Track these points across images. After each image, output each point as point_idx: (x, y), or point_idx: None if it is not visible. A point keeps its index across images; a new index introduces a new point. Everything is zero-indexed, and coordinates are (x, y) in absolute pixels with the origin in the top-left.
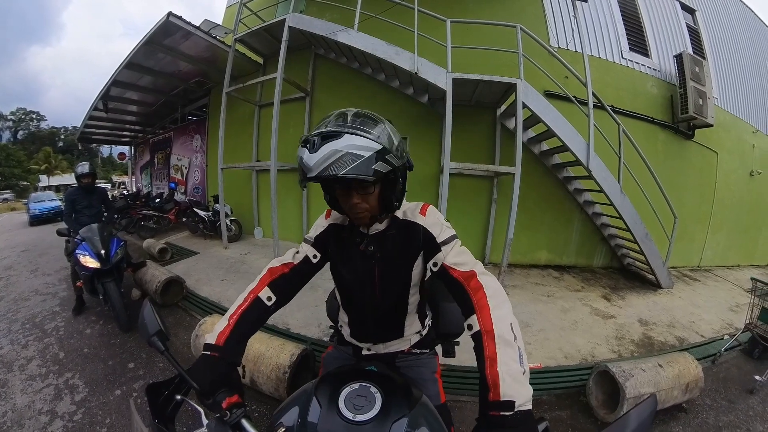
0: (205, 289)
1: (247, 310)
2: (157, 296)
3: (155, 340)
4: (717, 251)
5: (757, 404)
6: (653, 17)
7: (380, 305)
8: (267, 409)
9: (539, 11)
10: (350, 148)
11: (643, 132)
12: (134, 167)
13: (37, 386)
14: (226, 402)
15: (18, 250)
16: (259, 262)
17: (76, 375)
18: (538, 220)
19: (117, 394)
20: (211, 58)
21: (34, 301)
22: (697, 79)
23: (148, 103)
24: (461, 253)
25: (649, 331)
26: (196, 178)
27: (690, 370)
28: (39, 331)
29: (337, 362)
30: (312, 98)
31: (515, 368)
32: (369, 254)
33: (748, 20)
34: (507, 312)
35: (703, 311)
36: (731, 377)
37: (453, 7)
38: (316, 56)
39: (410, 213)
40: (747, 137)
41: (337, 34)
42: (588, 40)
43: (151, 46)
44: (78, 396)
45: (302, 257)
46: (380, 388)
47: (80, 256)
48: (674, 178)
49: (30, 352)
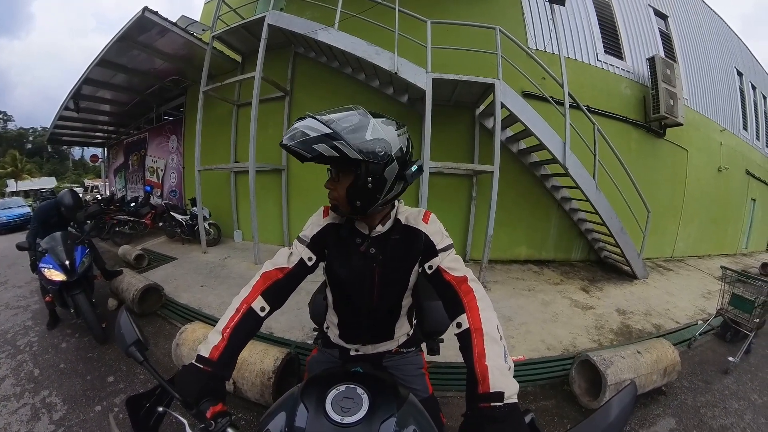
0: (184, 296)
1: (240, 322)
2: (134, 305)
3: (133, 350)
4: (689, 242)
5: (731, 383)
6: (628, 22)
7: (376, 307)
8: (253, 416)
9: (518, 14)
10: (303, 128)
11: (618, 131)
12: (107, 170)
13: (12, 407)
14: (210, 411)
15: None
16: (240, 267)
17: (53, 392)
18: (517, 217)
19: (97, 410)
20: (188, 55)
21: (5, 315)
22: (668, 81)
23: (122, 102)
24: (456, 260)
25: (627, 320)
26: (173, 180)
27: (667, 355)
28: (11, 347)
29: (323, 365)
30: (291, 98)
31: (502, 364)
32: (370, 256)
33: (717, 25)
34: (494, 316)
35: (677, 299)
36: (706, 360)
37: (434, 7)
38: (295, 55)
39: (413, 219)
40: (715, 135)
41: (317, 33)
42: (565, 43)
43: (126, 43)
44: (56, 414)
45: (297, 260)
46: (367, 389)
47: (44, 269)
48: (647, 175)
49: (2, 371)
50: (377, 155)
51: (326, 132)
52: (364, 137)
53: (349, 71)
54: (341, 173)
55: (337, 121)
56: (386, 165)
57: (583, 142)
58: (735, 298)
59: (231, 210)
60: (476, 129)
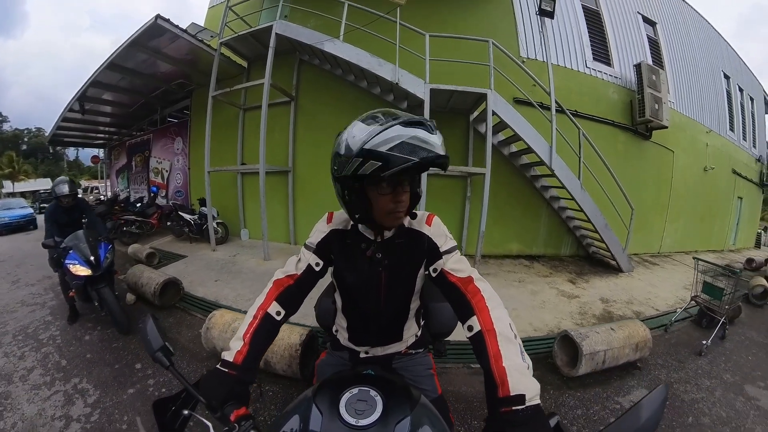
0: (200, 290)
1: (258, 327)
2: (155, 298)
3: (160, 355)
4: (675, 239)
5: (705, 364)
6: (617, 29)
7: (384, 311)
8: (280, 388)
9: (511, 24)
10: (442, 143)
11: (605, 134)
12: (109, 171)
13: (45, 394)
14: (234, 415)
15: None
16: (250, 263)
17: (83, 380)
18: (509, 215)
19: (130, 393)
20: (194, 60)
21: (22, 312)
22: (654, 86)
23: (127, 104)
24: (459, 261)
25: (609, 307)
26: (178, 181)
27: (639, 332)
28: (34, 341)
29: (332, 368)
30: (297, 103)
31: (520, 363)
32: (376, 261)
33: (705, 30)
34: (505, 313)
35: (659, 290)
36: (682, 343)
37: (431, 18)
38: (300, 62)
39: (416, 223)
40: (701, 137)
41: (323, 44)
42: (555, 52)
43: (135, 48)
44: (90, 399)
45: (305, 266)
46: (380, 391)
47: (70, 265)
48: (634, 175)
49: (29, 363)
50: None
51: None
52: None
53: (351, 78)
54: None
55: None
56: None
57: (569, 145)
58: (706, 286)
59: (237, 210)
60: (470, 134)
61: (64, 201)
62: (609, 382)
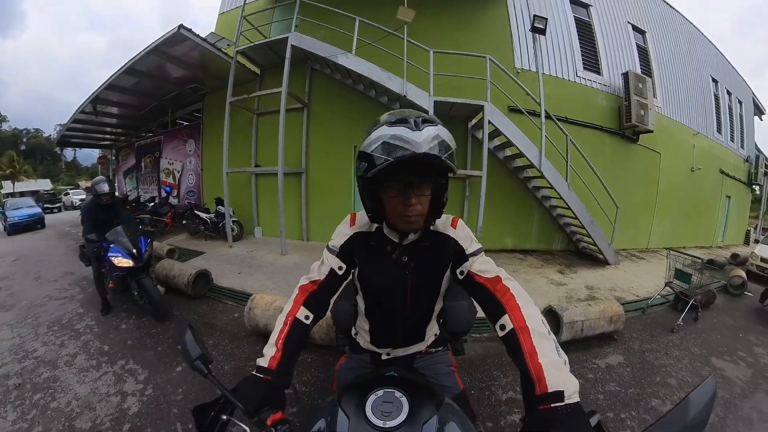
0: (225, 281)
1: (289, 333)
2: (188, 288)
3: (199, 364)
4: (663, 235)
5: (676, 339)
6: (607, 39)
7: (410, 314)
8: (318, 356)
9: (507, 38)
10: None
11: (593, 138)
12: (116, 171)
13: (94, 376)
14: (270, 419)
15: (7, 261)
16: (267, 258)
17: (130, 361)
18: (504, 213)
19: (178, 371)
20: (207, 65)
21: (51, 306)
22: (640, 93)
23: (138, 106)
24: (486, 262)
25: (593, 293)
26: (190, 181)
27: (613, 307)
28: (71, 331)
29: (353, 372)
30: (309, 109)
31: (556, 358)
32: (402, 264)
33: (694, 37)
34: (536, 310)
35: (641, 280)
36: (657, 323)
37: (435, 33)
38: (312, 70)
39: (441, 225)
40: (688, 139)
41: (337, 57)
42: (547, 62)
43: (155, 54)
44: (140, 377)
45: (328, 271)
46: (405, 392)
47: (114, 258)
48: (621, 176)
49: (70, 350)
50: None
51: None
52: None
53: (360, 88)
54: (430, 187)
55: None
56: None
57: (557, 150)
58: (678, 273)
59: (251, 208)
60: (469, 139)
61: (104, 198)
62: (588, 348)
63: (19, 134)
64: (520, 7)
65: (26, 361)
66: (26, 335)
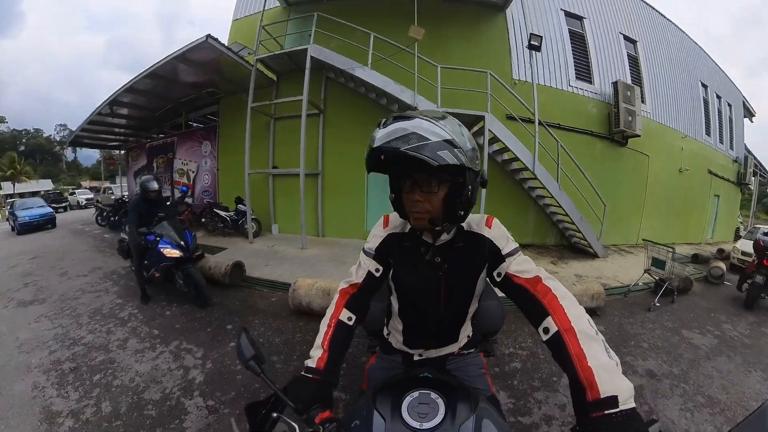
0: (255, 272)
1: (334, 334)
2: (225, 277)
3: (252, 364)
4: (652, 232)
5: (652, 316)
6: (599, 49)
7: (443, 315)
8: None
9: (506, 52)
10: (418, 129)
11: (584, 142)
12: (127, 172)
13: (151, 355)
14: (318, 418)
15: (26, 258)
16: (289, 251)
17: (183, 342)
18: (502, 211)
19: (232, 345)
20: (225, 71)
21: (88, 298)
22: (629, 101)
23: (153, 108)
24: (524, 261)
25: (581, 280)
26: (206, 181)
27: (594, 287)
28: (115, 319)
29: (384, 372)
30: (325, 116)
31: (606, 361)
32: (435, 265)
33: (685, 44)
34: (582, 310)
35: (626, 270)
36: (637, 304)
37: (441, 49)
38: (327, 79)
39: (475, 225)
40: (677, 142)
41: (354, 69)
42: (542, 74)
43: (178, 60)
44: (197, 353)
45: (365, 273)
46: (441, 394)
47: (164, 249)
48: (611, 176)
49: (119, 335)
50: (476, 163)
51: (447, 138)
52: (468, 146)
53: (373, 96)
54: (440, 184)
55: (449, 127)
56: (478, 173)
57: (548, 155)
58: (654, 260)
59: (268, 207)
60: None
61: (152, 195)
62: None
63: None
64: (519, 24)
65: (76, 347)
66: (68, 325)
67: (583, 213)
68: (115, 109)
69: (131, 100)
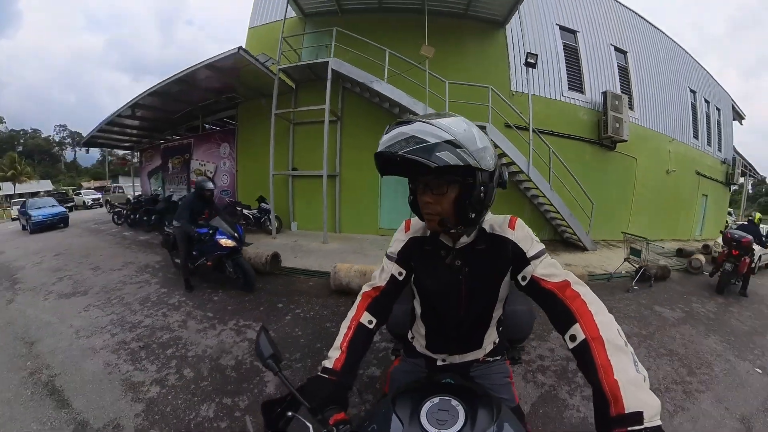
0: (288, 263)
1: (353, 336)
2: (266, 266)
3: (270, 362)
4: (640, 229)
5: (629, 295)
6: (591, 61)
7: (464, 319)
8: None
9: (505, 67)
10: (416, 133)
11: (575, 147)
12: (140, 172)
13: (213, 332)
14: (333, 419)
15: (49, 255)
16: (312, 245)
17: (240, 320)
18: (500, 209)
19: (288, 318)
20: (245, 77)
21: (129, 289)
22: (616, 109)
23: (172, 110)
24: (551, 265)
25: (568, 268)
26: (224, 181)
27: (578, 270)
28: (165, 306)
29: (407, 376)
30: (342, 123)
31: (634, 375)
32: (455, 268)
33: (674, 51)
34: (611, 318)
35: (612, 260)
36: (618, 287)
37: (448, 64)
38: (343, 89)
39: (498, 227)
40: (664, 145)
41: (372, 83)
42: (538, 85)
43: (206, 68)
44: (257, 326)
45: (388, 277)
46: (462, 401)
47: (220, 239)
48: (600, 178)
49: (177, 318)
50: (488, 163)
51: (448, 138)
52: (477, 145)
53: (386, 106)
54: (449, 185)
55: (453, 127)
56: (493, 173)
57: (541, 159)
58: (632, 250)
59: (287, 206)
60: None
61: (207, 194)
62: None
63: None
64: (517, 39)
65: (137, 330)
66: (121, 312)
67: (573, 211)
68: (135, 111)
69: (152, 102)
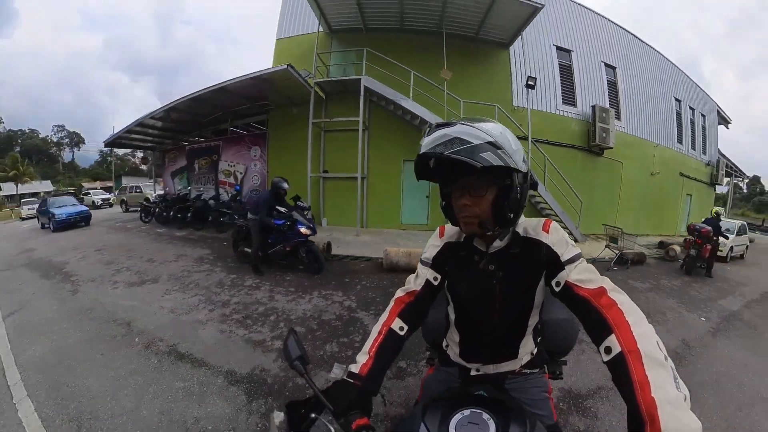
0: (335, 251)
1: (383, 342)
2: (324, 252)
3: (297, 364)
4: (627, 225)
5: (608, 274)
6: (583, 77)
7: (498, 325)
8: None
9: (508, 86)
10: (459, 134)
11: (568, 154)
12: (163, 172)
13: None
14: (355, 424)
15: (91, 251)
16: (347, 238)
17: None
18: None
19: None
20: (280, 87)
21: (197, 276)
22: (604, 121)
23: (203, 114)
24: (586, 270)
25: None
26: (255, 182)
27: None
28: (243, 287)
29: (441, 384)
30: (369, 132)
31: (674, 393)
32: (489, 273)
33: (661, 64)
34: (650, 329)
35: (597, 249)
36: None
37: (460, 86)
38: (370, 102)
39: (532, 230)
40: (649, 150)
41: (400, 101)
42: (536, 101)
43: (252, 79)
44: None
45: (423, 282)
46: (493, 415)
47: (301, 228)
48: (590, 180)
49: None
50: (522, 165)
51: (489, 140)
52: (512, 147)
53: (408, 118)
54: (488, 187)
55: (492, 130)
56: (526, 174)
57: (537, 167)
58: (611, 238)
59: (318, 204)
60: None
61: (282, 193)
62: None
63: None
64: (519, 59)
65: (230, 305)
66: (202, 294)
67: (565, 208)
68: (170, 114)
69: (188, 107)
